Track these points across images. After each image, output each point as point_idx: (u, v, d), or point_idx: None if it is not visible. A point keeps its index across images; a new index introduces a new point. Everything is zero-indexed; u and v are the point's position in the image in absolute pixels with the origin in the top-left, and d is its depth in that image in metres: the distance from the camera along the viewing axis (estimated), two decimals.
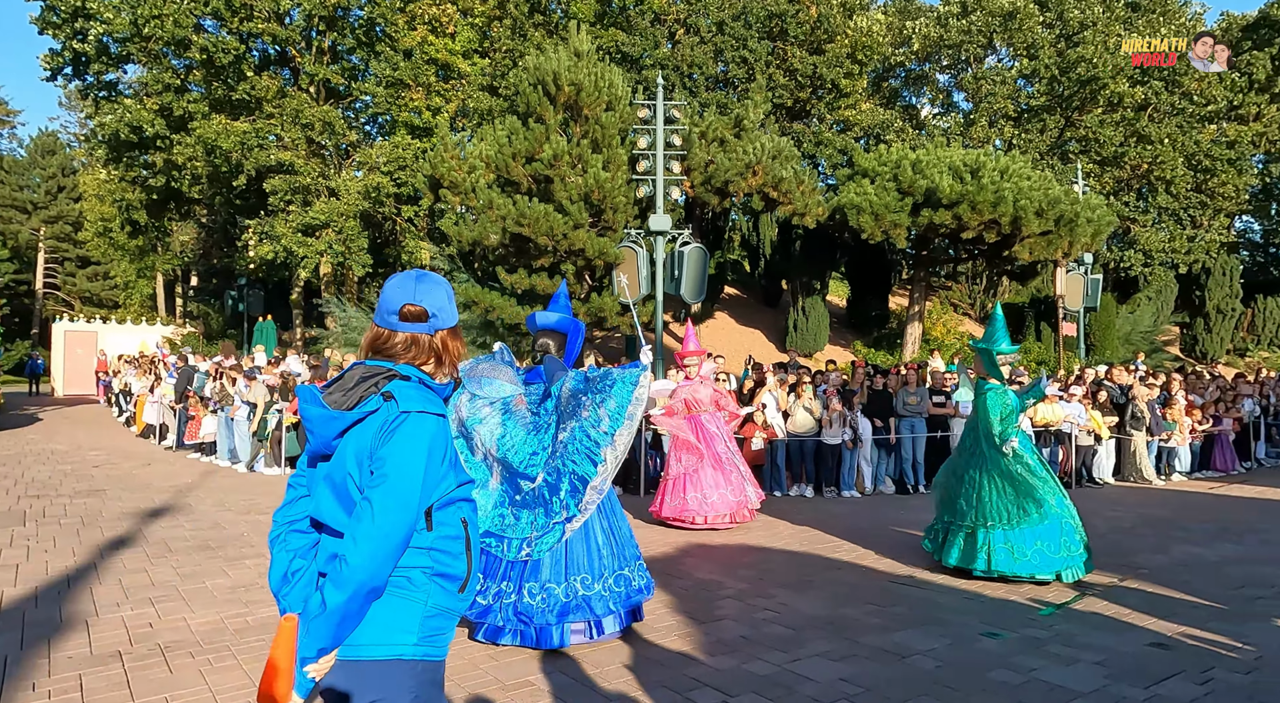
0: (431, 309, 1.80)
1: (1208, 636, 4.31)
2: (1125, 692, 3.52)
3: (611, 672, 3.75)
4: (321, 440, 1.71)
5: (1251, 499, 9.51)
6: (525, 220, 13.72)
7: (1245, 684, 3.61)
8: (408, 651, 1.65)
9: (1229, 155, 27.46)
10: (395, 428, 1.64)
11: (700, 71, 24.23)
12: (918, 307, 21.28)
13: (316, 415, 1.70)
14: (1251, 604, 4.94)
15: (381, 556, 1.57)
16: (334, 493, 1.68)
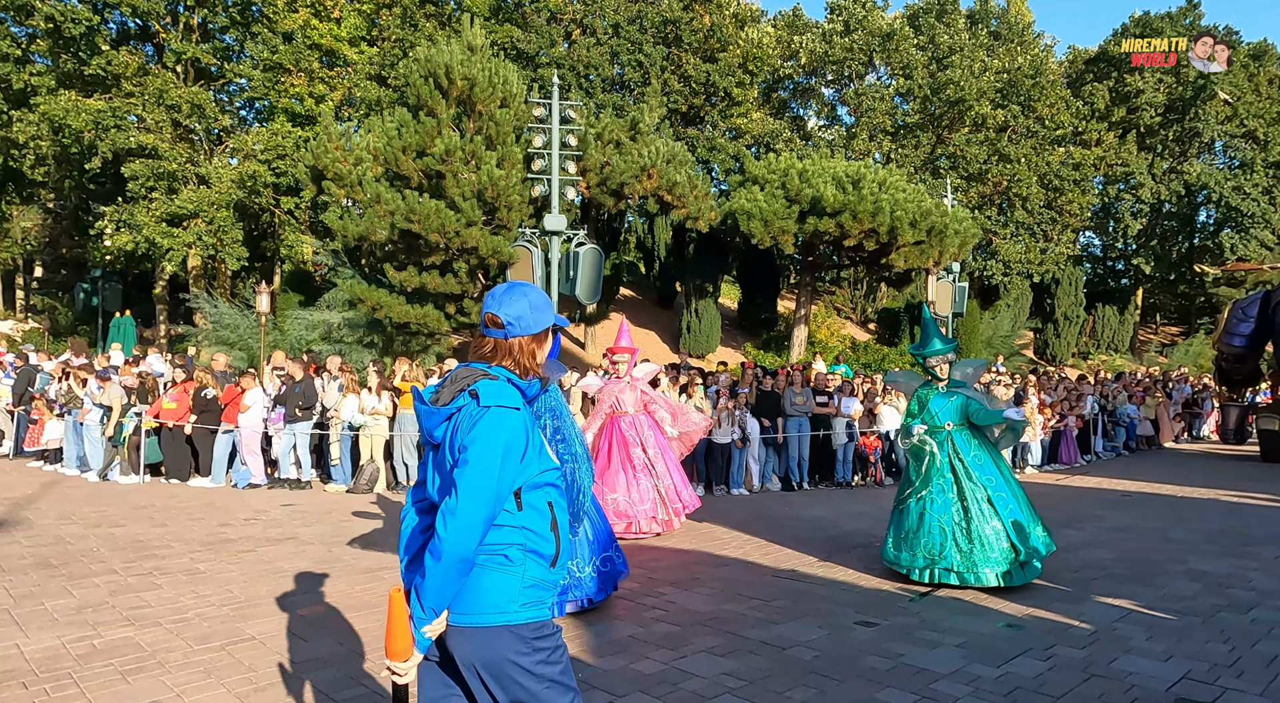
0: (508, 318, 2.03)
1: (1052, 615, 4.74)
2: (980, 671, 3.82)
3: None
4: (426, 432, 1.99)
5: (1091, 489, 10.52)
6: (415, 216, 13.30)
7: (1081, 658, 3.99)
8: (512, 617, 1.89)
9: (1075, 176, 30.25)
10: (477, 420, 1.88)
11: (596, 73, 24.28)
12: (804, 310, 22.20)
13: (421, 411, 1.99)
14: (1088, 585, 5.46)
15: (466, 530, 1.80)
16: (442, 477, 1.95)
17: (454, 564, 1.81)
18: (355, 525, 7.50)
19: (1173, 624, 4.56)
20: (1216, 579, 5.59)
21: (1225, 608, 4.88)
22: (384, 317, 14.50)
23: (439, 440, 1.96)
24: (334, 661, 3.90)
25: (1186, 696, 3.52)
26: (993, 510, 5.34)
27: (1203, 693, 3.54)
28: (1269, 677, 3.73)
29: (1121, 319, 31.97)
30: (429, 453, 2.02)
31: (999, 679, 3.70)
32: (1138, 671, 3.81)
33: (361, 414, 9.68)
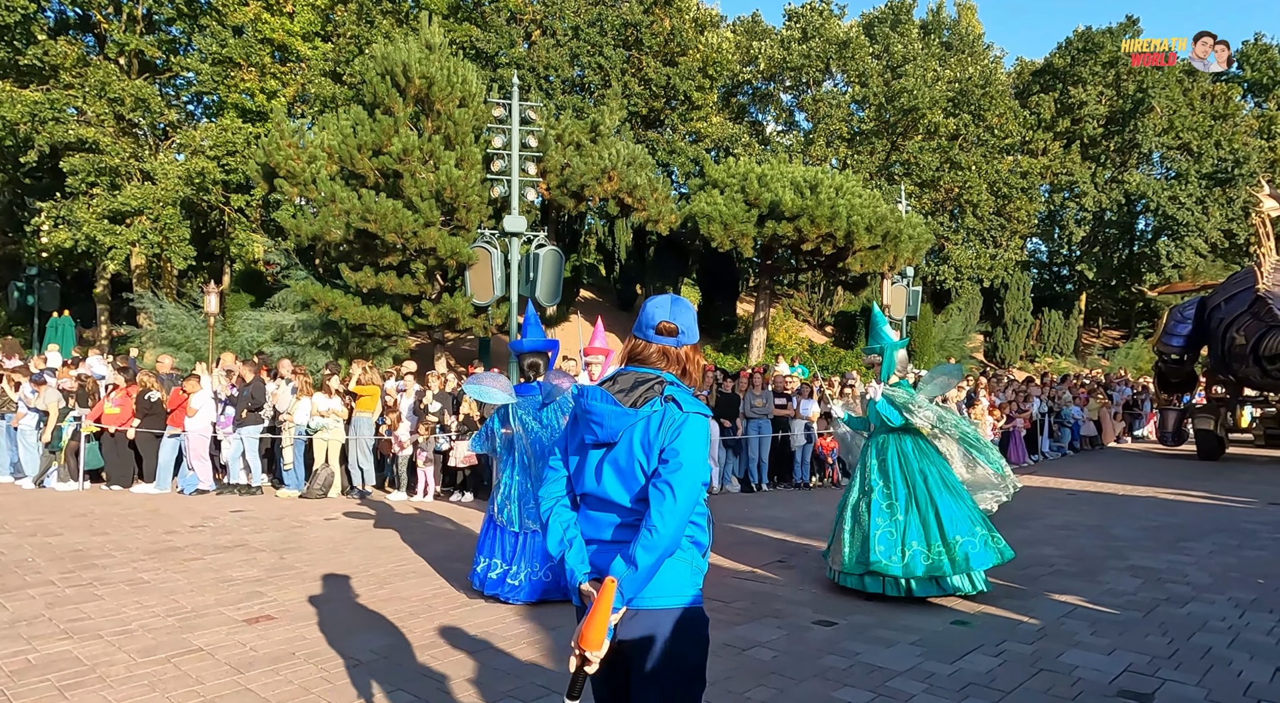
0: (681, 327, 2.16)
1: (1002, 612, 4.86)
2: (934, 668, 3.90)
3: (457, 685, 3.65)
4: (610, 432, 2.04)
5: (1038, 488, 10.84)
6: (372, 216, 13.07)
7: (1030, 653, 4.11)
8: (689, 600, 2.04)
9: (1022, 184, 31.21)
10: (682, 426, 2.00)
11: (556, 74, 24.20)
12: (763, 313, 22.43)
13: (609, 411, 2.04)
14: (1036, 582, 5.63)
15: (679, 526, 1.94)
16: (618, 474, 2.03)
17: (665, 555, 1.95)
18: (308, 532, 7.33)
19: (1115, 619, 4.73)
20: (1155, 574, 5.81)
21: (1164, 602, 5.07)
22: (339, 318, 14.20)
23: (616, 440, 2.05)
24: (286, 670, 3.81)
25: (1129, 688, 3.64)
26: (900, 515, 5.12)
27: (1144, 685, 3.68)
28: (1204, 668, 3.89)
29: (1066, 323, 33.06)
30: (589, 451, 2.10)
31: (952, 676, 3.79)
32: (1083, 664, 3.94)
33: (317, 418, 9.46)
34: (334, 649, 4.12)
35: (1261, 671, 3.85)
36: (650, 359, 2.15)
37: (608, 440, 2.04)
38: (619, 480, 2.03)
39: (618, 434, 2.03)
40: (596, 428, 2.06)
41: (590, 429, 2.07)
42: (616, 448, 2.04)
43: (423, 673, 3.81)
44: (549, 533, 2.12)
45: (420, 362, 15.63)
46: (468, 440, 9.56)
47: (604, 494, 2.05)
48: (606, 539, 2.05)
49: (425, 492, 9.64)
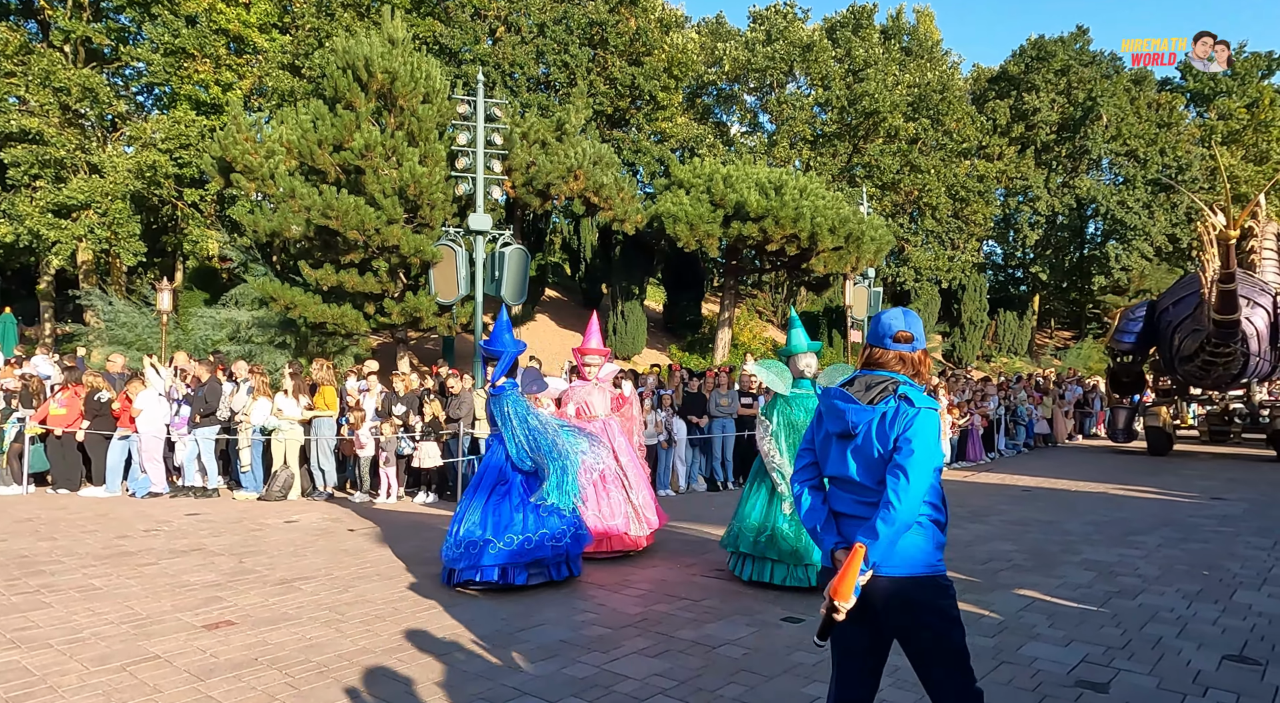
0: (915, 335, 2.52)
1: (964, 606, 4.95)
2: (900, 662, 3.96)
3: (425, 688, 3.61)
4: (851, 424, 2.42)
5: (995, 485, 11.12)
6: (333, 213, 12.83)
7: (992, 646, 4.21)
8: (935, 569, 2.37)
9: (979, 188, 31.96)
10: (914, 419, 2.33)
11: (522, 72, 24.04)
12: (728, 313, 22.59)
13: (850, 408, 2.43)
14: (995, 576, 5.77)
15: (914, 504, 2.27)
16: (860, 461, 2.41)
17: (902, 528, 2.27)
18: (268, 535, 7.17)
19: (1071, 611, 4.87)
20: (1108, 568, 6.01)
21: (1116, 595, 5.24)
22: (298, 316, 13.91)
23: (856, 432, 2.43)
24: (249, 677, 3.72)
25: (1086, 678, 3.76)
26: None
27: (1099, 675, 3.80)
28: (1155, 657, 4.03)
29: (1021, 324, 33.94)
30: (833, 442, 2.50)
31: None
32: (1042, 656, 4.05)
33: (273, 419, 9.25)
34: (299, 654, 4.03)
35: (1209, 659, 4.01)
36: (889, 364, 2.53)
37: (849, 432, 2.45)
38: (861, 466, 2.42)
39: (857, 427, 2.42)
40: (839, 421, 2.47)
41: (834, 422, 2.49)
42: (858, 438, 2.43)
43: (391, 677, 3.76)
44: (802, 508, 2.56)
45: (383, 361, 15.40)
46: (432, 442, 9.45)
47: (849, 476, 2.44)
48: (851, 514, 2.45)
49: (389, 493, 9.50)
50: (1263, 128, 35.15)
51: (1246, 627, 4.54)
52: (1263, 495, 9.70)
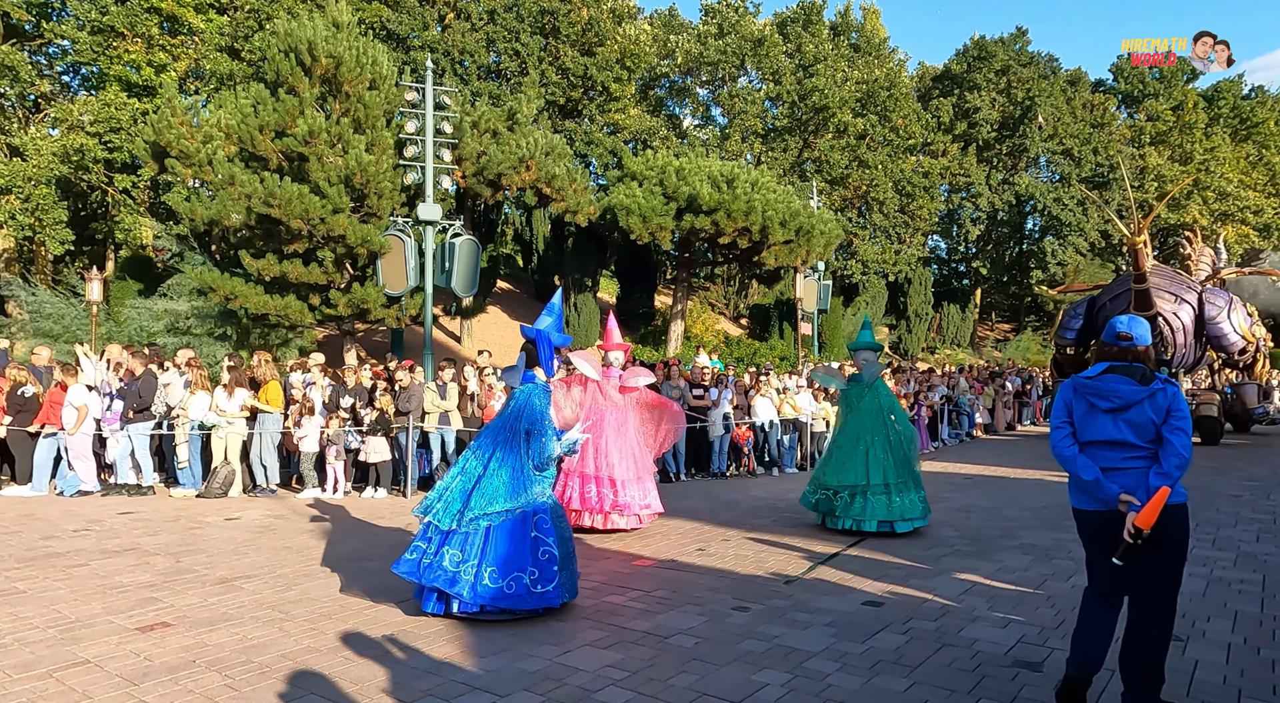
0: (1136, 336, 3.33)
1: (909, 591, 5.11)
2: (847, 647, 4.06)
3: (372, 687, 3.54)
4: (1125, 400, 3.22)
5: (939, 473, 11.44)
6: (275, 201, 12.44)
7: (935, 630, 4.34)
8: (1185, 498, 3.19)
9: (924, 183, 32.74)
10: (1175, 394, 3.19)
11: (472, 59, 23.65)
12: (681, 305, 22.68)
13: (1126, 389, 3.22)
14: (939, 561, 5.94)
15: (1186, 455, 3.11)
16: (1132, 427, 3.21)
17: (1180, 472, 3.10)
18: (207, 533, 6.94)
19: (1009, 594, 5.05)
20: (1043, 551, 6.24)
21: (1051, 577, 5.45)
22: (239, 307, 13.48)
23: (1130, 405, 3.23)
24: (186, 680, 3.59)
25: (1022, 658, 3.90)
26: None
27: (1035, 654, 3.95)
28: None
29: (964, 317, 34.95)
30: (1100, 415, 3.29)
31: (863, 654, 3.96)
32: (982, 638, 4.19)
33: (212, 415, 8.94)
34: (239, 655, 3.92)
35: None
36: (1124, 356, 3.33)
37: (1123, 406, 3.22)
38: (1133, 431, 3.21)
39: (1132, 403, 3.21)
40: (1110, 400, 3.25)
41: (1104, 401, 3.26)
42: (1130, 411, 3.21)
43: (336, 676, 3.67)
44: (1081, 467, 3.27)
45: (329, 354, 15.03)
46: (380, 437, 9.27)
47: (1124, 439, 3.22)
48: (1120, 467, 3.22)
49: (335, 488, 9.28)
50: (1187, 130, 36.82)
51: None
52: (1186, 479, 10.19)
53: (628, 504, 6.95)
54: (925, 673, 3.69)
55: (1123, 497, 3.13)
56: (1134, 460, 3.20)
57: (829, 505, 7.03)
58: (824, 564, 5.86)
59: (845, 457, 7.01)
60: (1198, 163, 35.95)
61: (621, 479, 6.98)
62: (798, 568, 5.75)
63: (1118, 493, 3.15)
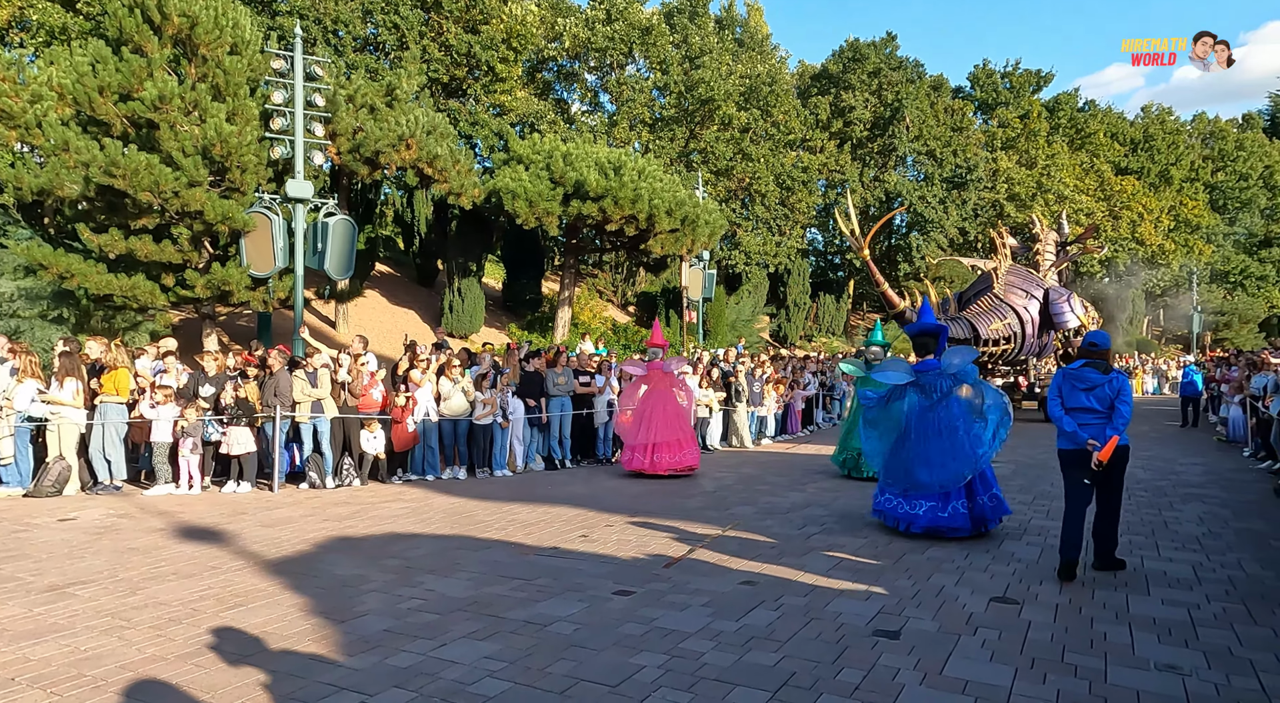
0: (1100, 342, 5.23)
1: (781, 569, 5.33)
2: (722, 626, 4.19)
3: (228, 693, 3.31)
4: (1091, 383, 5.08)
5: (813, 455, 12.01)
6: (119, 171, 11.33)
7: (803, 605, 4.55)
8: (1126, 440, 5.08)
9: (804, 178, 34.08)
10: (1123, 381, 5.10)
11: (347, 30, 22.41)
12: (568, 292, 22.55)
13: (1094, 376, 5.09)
14: (809, 540, 6.23)
15: (1129, 416, 4.99)
16: (1098, 399, 5.04)
17: (1125, 426, 4.95)
18: (36, 535, 6.26)
19: (871, 567, 5.37)
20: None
21: (910, 551, 5.84)
22: (77, 287, 12.19)
23: (1096, 386, 5.05)
24: (4, 701, 3.22)
25: (882, 627, 4.16)
26: None
27: (892, 624, 4.21)
28: (939, 604, 4.54)
29: (839, 306, 36.77)
30: (1079, 391, 5.09)
31: (737, 632, 4.09)
32: (846, 611, 4.43)
33: (42, 405, 8.06)
34: (69, 669, 3.55)
35: (979, 602, 4.57)
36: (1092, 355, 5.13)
37: (1091, 386, 5.03)
38: (1097, 402, 5.02)
39: (1098, 385, 5.01)
40: (1086, 381, 5.06)
41: (1081, 382, 5.07)
42: (1096, 390, 5.02)
43: (186, 685, 3.41)
44: (1066, 424, 5.08)
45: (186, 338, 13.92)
46: (242, 427, 8.67)
47: (1090, 406, 5.04)
48: (1089, 424, 5.02)
49: (190, 484, 8.61)
50: (1032, 136, 40.26)
51: (1009, 572, 5.24)
52: (1025, 457, 11.21)
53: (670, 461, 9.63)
54: (794, 647, 3.86)
55: (1090, 441, 4.94)
56: (1096, 420, 5.02)
57: (855, 463, 9.43)
58: (703, 546, 6.01)
59: None
60: (1041, 167, 39.41)
61: (668, 442, 9.65)
62: (678, 551, 5.87)
63: (1086, 439, 4.96)
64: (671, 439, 9.66)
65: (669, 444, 9.63)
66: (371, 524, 6.98)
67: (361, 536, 6.51)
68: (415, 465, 9.89)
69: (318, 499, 8.34)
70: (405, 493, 8.80)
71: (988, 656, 3.74)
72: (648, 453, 9.62)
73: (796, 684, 3.41)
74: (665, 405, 9.79)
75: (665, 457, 9.59)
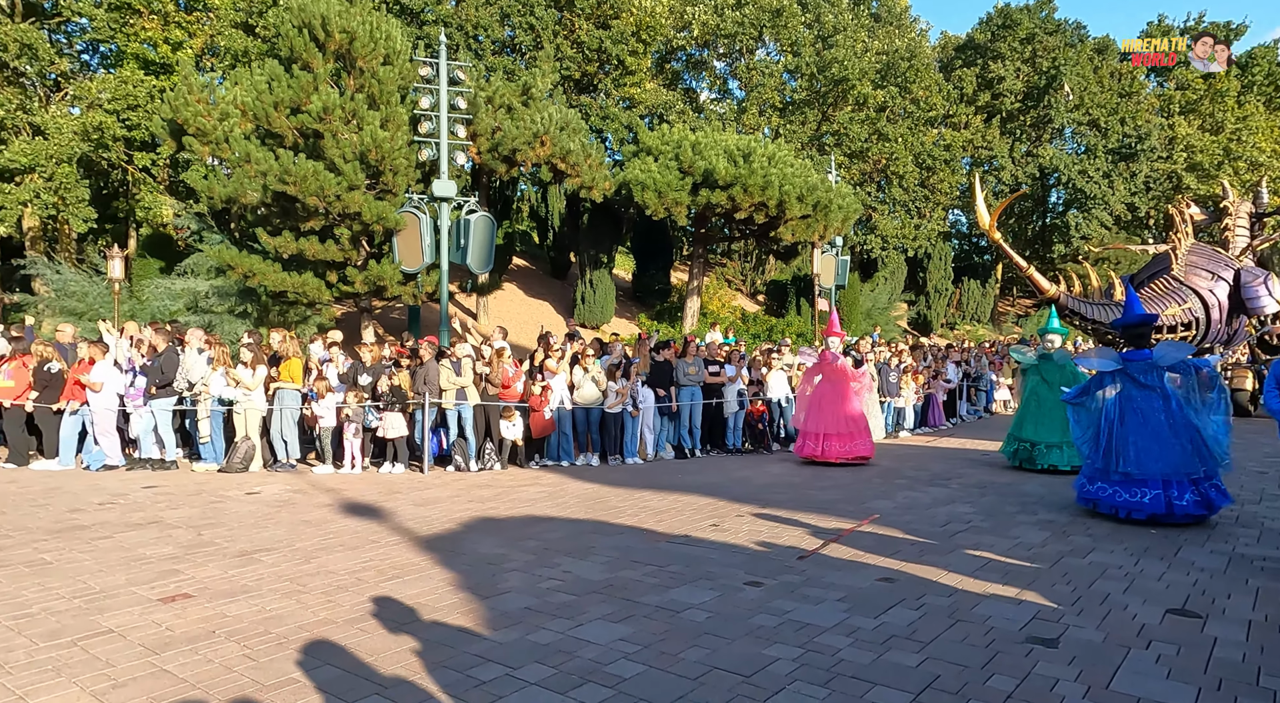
0: None
1: (922, 568, 5.09)
2: (860, 623, 4.06)
3: (388, 658, 3.60)
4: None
5: (956, 449, 11.37)
6: (291, 178, 12.47)
7: (948, 605, 4.32)
8: None
9: (946, 156, 32.13)
10: None
11: (486, 34, 23.43)
12: (696, 282, 22.55)
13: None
14: (953, 538, 5.91)
15: None
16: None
17: None
18: (228, 507, 7.06)
19: (1025, 570, 5.01)
20: (1060, 527, 6.19)
21: (1068, 553, 5.40)
22: (258, 285, 13.58)
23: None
24: (206, 650, 3.67)
25: (1037, 634, 3.88)
26: None
27: (1049, 630, 3.92)
28: (1103, 612, 4.17)
29: (984, 292, 34.47)
30: None
31: (876, 629, 3.95)
32: (996, 614, 4.17)
33: (234, 390, 9.06)
34: (257, 626, 3.99)
35: (1153, 614, 4.15)
36: None
37: None
38: None
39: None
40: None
41: None
42: None
43: (352, 647, 3.73)
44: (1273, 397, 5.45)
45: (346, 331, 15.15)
46: (395, 413, 9.34)
47: None
48: None
49: (353, 464, 9.40)
50: (1218, 98, 35.75)
51: (1189, 582, 4.72)
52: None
53: (841, 450, 9.69)
54: (938, 648, 3.68)
55: None
56: None
57: (1028, 454, 9.10)
58: (836, 541, 5.85)
59: (1043, 417, 9.01)
60: (1230, 132, 34.96)
61: (839, 433, 9.72)
62: (811, 544, 5.75)
63: None
64: (843, 429, 9.72)
65: (840, 435, 9.71)
66: (511, 507, 7.32)
67: (502, 517, 6.85)
68: (551, 452, 10.28)
69: (462, 481, 8.86)
70: (542, 478, 9.16)
71: (1163, 672, 3.39)
72: (819, 441, 9.75)
73: (941, 688, 3.25)
74: (837, 395, 9.84)
75: (835, 445, 9.69)
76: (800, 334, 22.20)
